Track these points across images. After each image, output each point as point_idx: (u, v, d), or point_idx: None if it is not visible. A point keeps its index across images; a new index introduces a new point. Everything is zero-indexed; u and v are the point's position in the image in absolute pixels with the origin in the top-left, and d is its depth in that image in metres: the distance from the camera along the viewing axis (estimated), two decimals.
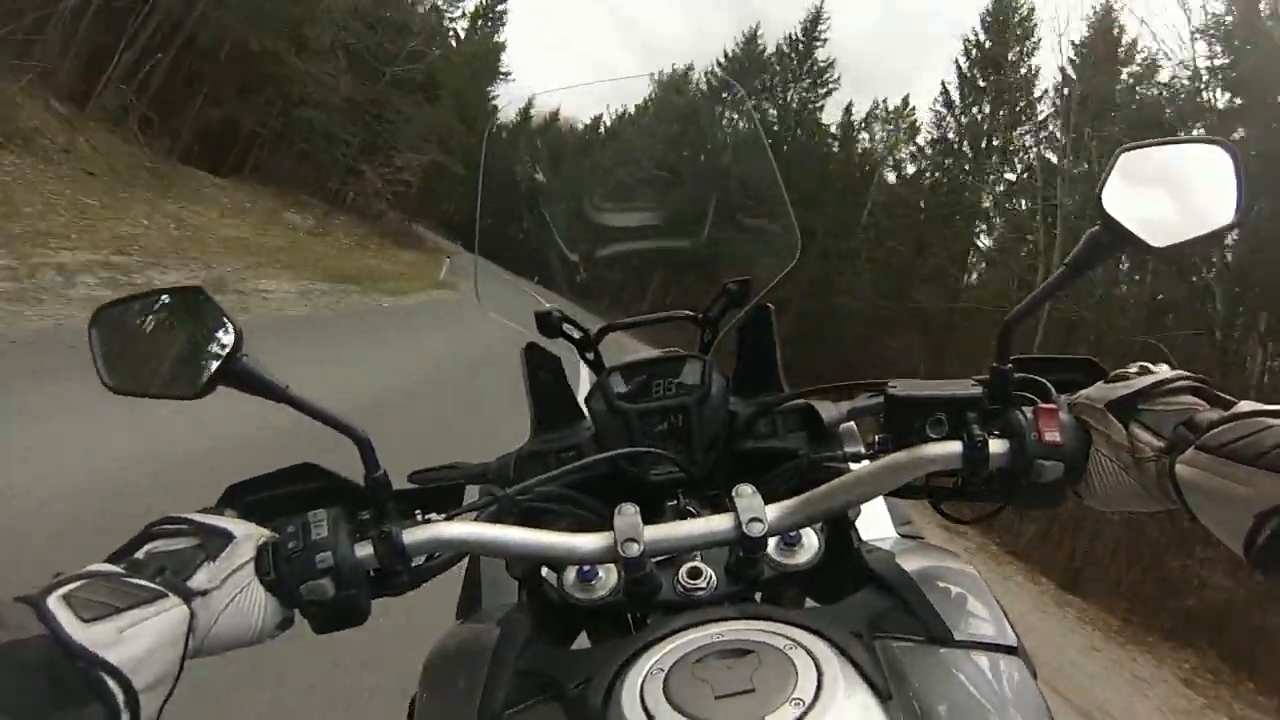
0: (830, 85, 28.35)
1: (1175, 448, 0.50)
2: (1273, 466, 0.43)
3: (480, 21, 36.58)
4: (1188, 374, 0.54)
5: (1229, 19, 11.53)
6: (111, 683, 0.40)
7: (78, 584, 0.43)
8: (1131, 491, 0.53)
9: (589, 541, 0.58)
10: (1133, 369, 0.57)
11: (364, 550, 0.55)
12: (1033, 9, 20.63)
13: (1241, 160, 0.57)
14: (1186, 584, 6.86)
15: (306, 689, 2.04)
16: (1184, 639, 6.24)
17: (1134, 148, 0.58)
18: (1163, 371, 0.55)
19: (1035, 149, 18.63)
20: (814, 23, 28.49)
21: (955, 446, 0.57)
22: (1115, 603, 6.92)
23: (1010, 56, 20.98)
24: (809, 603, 0.70)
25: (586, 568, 0.65)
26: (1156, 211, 0.57)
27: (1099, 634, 6.22)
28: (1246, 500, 0.44)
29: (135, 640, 0.42)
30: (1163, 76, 14.04)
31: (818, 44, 28.45)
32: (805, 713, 0.41)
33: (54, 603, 0.41)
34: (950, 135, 22.46)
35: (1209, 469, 0.46)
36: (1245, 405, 0.49)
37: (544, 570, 0.71)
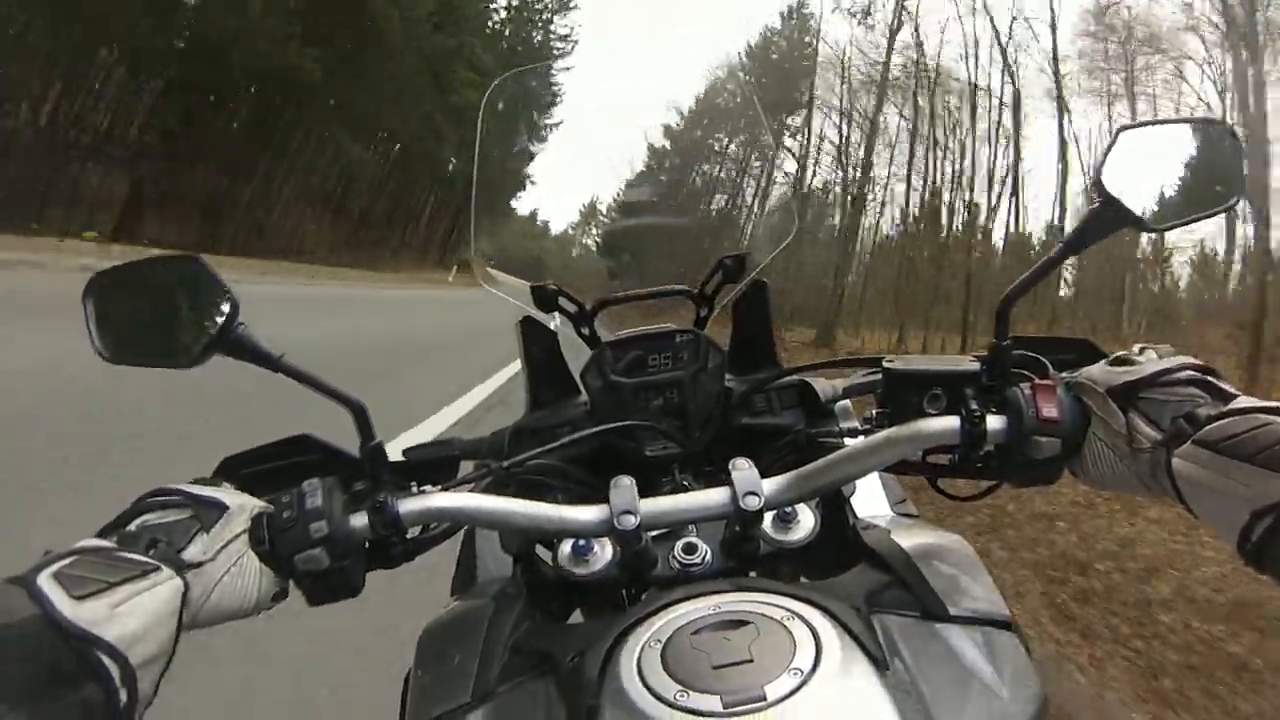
0: None
1: (1172, 440, 0.49)
2: (1269, 465, 0.42)
3: None
4: (1192, 361, 0.53)
5: None
6: (107, 661, 0.39)
7: (68, 560, 0.42)
8: (1127, 478, 0.53)
9: (585, 513, 0.57)
10: (1135, 350, 0.57)
11: (359, 520, 0.54)
12: None
13: (1242, 140, 0.57)
14: None
15: None
16: None
17: (1133, 126, 0.58)
18: (1166, 358, 0.54)
19: None
20: None
21: (953, 422, 0.57)
22: None
23: None
24: (804, 580, 0.69)
25: (581, 542, 0.64)
26: (1156, 191, 0.57)
27: None
28: (1242, 497, 0.43)
29: (129, 616, 0.41)
30: None
31: None
32: (804, 682, 0.41)
33: (44, 581, 0.40)
34: None
35: (1205, 464, 0.46)
36: (1244, 401, 0.48)
37: (538, 547, 0.71)
